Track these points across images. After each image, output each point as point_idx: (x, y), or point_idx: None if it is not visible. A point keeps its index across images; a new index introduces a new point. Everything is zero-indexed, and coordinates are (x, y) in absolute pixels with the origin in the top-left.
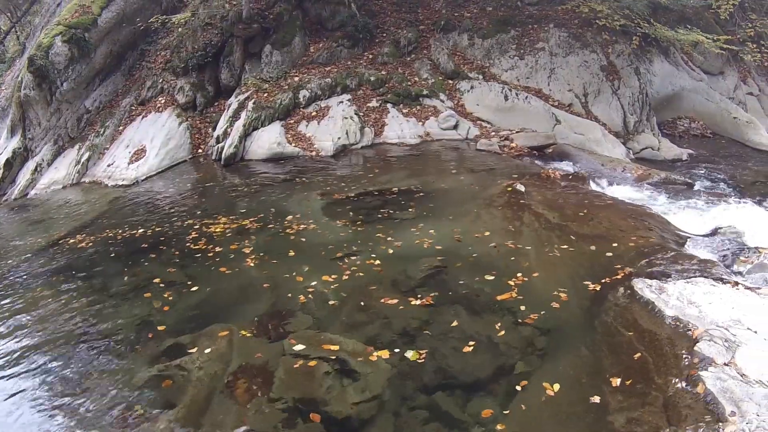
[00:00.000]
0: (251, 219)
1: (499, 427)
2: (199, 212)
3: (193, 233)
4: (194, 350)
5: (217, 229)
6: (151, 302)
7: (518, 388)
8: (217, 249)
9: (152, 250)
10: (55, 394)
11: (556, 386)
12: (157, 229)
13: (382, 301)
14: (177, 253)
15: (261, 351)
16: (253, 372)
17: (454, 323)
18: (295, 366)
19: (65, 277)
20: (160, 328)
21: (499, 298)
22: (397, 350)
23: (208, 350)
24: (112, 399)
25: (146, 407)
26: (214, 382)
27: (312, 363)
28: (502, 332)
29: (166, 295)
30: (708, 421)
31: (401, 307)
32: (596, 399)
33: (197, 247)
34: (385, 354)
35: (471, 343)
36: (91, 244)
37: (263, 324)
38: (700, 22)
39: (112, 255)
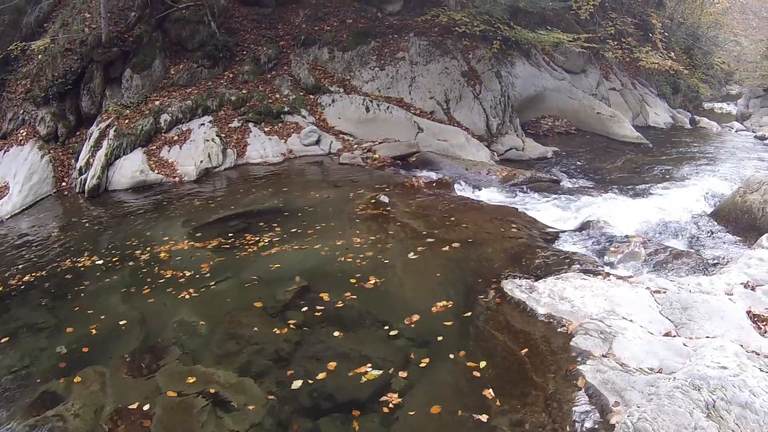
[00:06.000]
0: (116, 253)
1: None
2: (63, 251)
3: (58, 273)
4: (69, 397)
5: (82, 267)
6: (21, 350)
7: (399, 403)
8: (84, 288)
9: (18, 294)
10: None
11: (437, 397)
12: (22, 272)
13: (252, 327)
14: (44, 295)
15: (136, 391)
16: (131, 414)
17: (327, 343)
18: (171, 403)
19: None
20: (32, 376)
21: (369, 312)
22: (271, 376)
23: (82, 396)
24: None
25: None
26: (92, 429)
27: (188, 398)
28: (377, 347)
29: (36, 341)
30: (592, 413)
31: (272, 331)
32: (477, 405)
33: (64, 287)
34: (258, 382)
35: (346, 361)
36: None
37: (136, 362)
38: (561, 23)
39: None
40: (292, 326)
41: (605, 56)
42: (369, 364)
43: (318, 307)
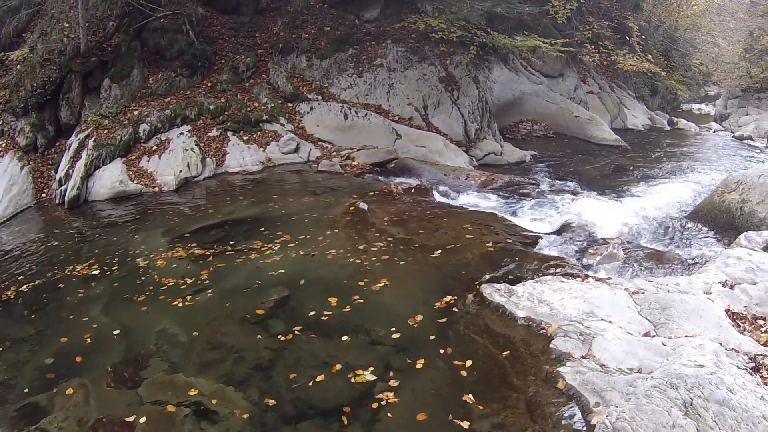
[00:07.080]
0: (97, 264)
1: None
2: (45, 262)
3: (40, 285)
4: (52, 409)
5: (64, 279)
6: (3, 363)
7: (380, 408)
8: (66, 299)
9: (4, 307)
10: None
11: (417, 402)
12: (8, 284)
13: (234, 335)
14: (26, 307)
15: (119, 402)
16: (114, 425)
17: (308, 350)
18: (154, 414)
19: None
20: (15, 389)
21: (350, 319)
22: (253, 385)
23: (66, 408)
24: None
25: None
26: None
27: (170, 409)
28: (358, 354)
29: (18, 354)
30: (573, 414)
31: (253, 339)
32: (458, 409)
33: (46, 299)
34: (241, 390)
35: (328, 368)
36: None
37: (118, 373)
38: (538, 28)
39: None
40: (273, 334)
41: (583, 60)
42: (351, 371)
43: (299, 315)
